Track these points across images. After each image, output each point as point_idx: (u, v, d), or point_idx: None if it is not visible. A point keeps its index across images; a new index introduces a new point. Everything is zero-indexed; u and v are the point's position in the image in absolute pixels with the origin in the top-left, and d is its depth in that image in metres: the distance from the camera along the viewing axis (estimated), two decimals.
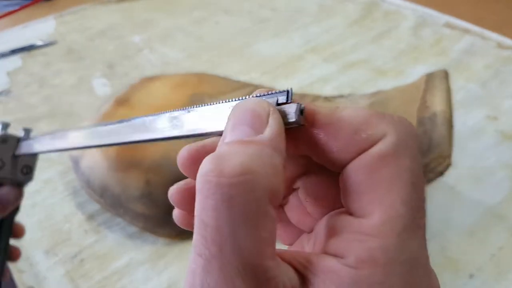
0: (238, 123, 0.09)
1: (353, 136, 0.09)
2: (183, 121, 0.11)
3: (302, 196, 0.11)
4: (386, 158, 0.08)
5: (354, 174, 0.09)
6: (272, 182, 0.08)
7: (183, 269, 0.24)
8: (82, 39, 0.46)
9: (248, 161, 0.08)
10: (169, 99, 0.27)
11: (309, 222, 0.11)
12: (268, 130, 0.08)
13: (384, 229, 0.08)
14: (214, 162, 0.08)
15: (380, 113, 0.09)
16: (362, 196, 0.09)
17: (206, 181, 0.08)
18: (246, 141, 0.08)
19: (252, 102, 0.09)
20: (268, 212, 0.08)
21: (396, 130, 0.09)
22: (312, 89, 0.36)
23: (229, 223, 0.07)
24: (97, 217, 0.27)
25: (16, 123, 0.35)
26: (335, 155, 0.09)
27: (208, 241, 0.07)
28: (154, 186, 0.24)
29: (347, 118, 0.09)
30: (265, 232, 0.08)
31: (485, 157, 0.29)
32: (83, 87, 0.39)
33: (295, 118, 0.09)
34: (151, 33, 0.46)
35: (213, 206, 0.07)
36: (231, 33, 0.45)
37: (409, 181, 0.08)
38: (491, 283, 0.22)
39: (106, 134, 0.13)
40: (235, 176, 0.07)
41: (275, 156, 0.08)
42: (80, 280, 0.23)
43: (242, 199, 0.07)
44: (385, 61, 0.39)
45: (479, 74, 0.36)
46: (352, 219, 0.09)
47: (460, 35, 0.41)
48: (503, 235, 0.24)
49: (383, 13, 0.46)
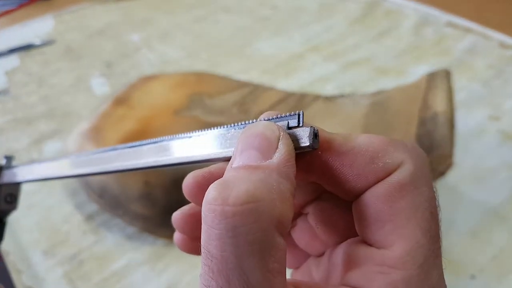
0: (246, 147, 0.08)
1: (370, 165, 0.08)
2: (186, 147, 0.10)
3: (312, 222, 0.11)
4: (405, 187, 0.08)
5: (372, 203, 0.08)
6: (280, 210, 0.07)
7: (183, 270, 0.24)
8: (81, 38, 0.46)
9: (254, 188, 0.07)
10: (168, 98, 0.27)
11: (318, 246, 0.11)
12: (277, 155, 0.08)
13: (407, 260, 0.08)
14: (218, 189, 0.08)
15: (394, 141, 0.09)
16: (381, 226, 0.08)
17: (210, 209, 0.07)
18: (253, 167, 0.08)
19: (262, 126, 0.09)
20: (276, 241, 0.07)
21: (412, 158, 0.09)
22: (313, 88, 0.36)
23: (235, 254, 0.07)
24: (96, 218, 0.27)
25: (14, 123, 0.35)
26: (351, 183, 0.09)
27: (214, 272, 0.07)
28: (153, 187, 0.24)
29: (363, 146, 0.09)
30: (274, 262, 0.07)
31: (487, 157, 0.29)
32: (81, 86, 0.39)
33: (308, 142, 0.08)
34: (150, 32, 0.46)
35: (218, 236, 0.07)
36: (231, 32, 0.45)
37: (428, 210, 0.08)
38: (493, 284, 0.22)
39: (105, 160, 0.12)
40: (240, 204, 0.07)
41: (283, 182, 0.08)
42: (79, 281, 0.23)
43: (247, 229, 0.07)
44: (386, 61, 0.39)
45: (481, 73, 0.36)
46: (372, 250, 0.08)
47: (462, 34, 0.41)
48: (505, 236, 0.24)
49: (384, 12, 0.46)
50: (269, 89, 0.29)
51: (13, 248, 0.25)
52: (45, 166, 0.15)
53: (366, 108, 0.26)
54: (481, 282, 0.22)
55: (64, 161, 0.14)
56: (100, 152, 0.12)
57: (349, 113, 0.26)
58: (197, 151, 0.10)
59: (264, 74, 0.38)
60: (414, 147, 0.09)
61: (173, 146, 0.11)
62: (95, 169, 0.12)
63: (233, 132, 0.09)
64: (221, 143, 0.10)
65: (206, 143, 0.10)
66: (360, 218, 0.09)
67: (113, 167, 0.12)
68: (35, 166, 0.16)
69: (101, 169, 0.12)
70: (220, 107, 0.27)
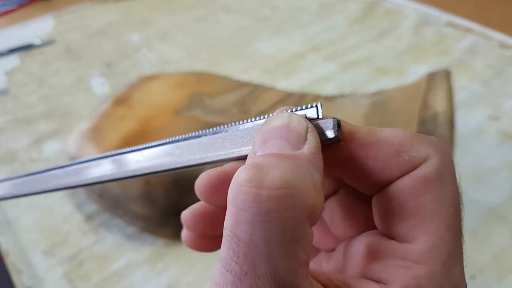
0: (272, 137, 0.08)
1: (395, 158, 0.08)
2: (199, 147, 0.10)
3: (327, 217, 0.11)
4: (431, 181, 0.08)
5: (396, 196, 0.08)
6: (313, 199, 0.07)
7: (183, 270, 0.24)
8: (81, 38, 0.46)
9: (289, 174, 0.07)
10: (168, 98, 0.27)
11: (330, 242, 0.11)
12: (307, 147, 0.08)
13: (430, 256, 0.08)
14: (252, 171, 0.07)
15: (419, 135, 0.09)
16: (405, 220, 0.08)
17: (241, 191, 0.07)
18: (284, 155, 0.08)
19: (286, 117, 0.08)
20: (306, 231, 0.07)
21: (437, 153, 0.08)
22: (313, 88, 0.36)
23: (265, 240, 0.07)
24: (96, 218, 0.27)
25: (14, 123, 0.35)
26: (374, 176, 0.09)
27: (240, 256, 0.07)
28: (153, 187, 0.24)
29: (388, 139, 0.08)
30: (302, 252, 0.07)
31: (487, 157, 0.29)
32: (81, 86, 0.39)
33: (333, 133, 0.08)
34: (150, 32, 0.46)
35: (248, 219, 0.07)
36: (231, 32, 0.45)
37: (452, 206, 0.08)
38: (493, 284, 0.22)
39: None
40: (276, 188, 0.07)
41: (315, 173, 0.08)
42: (79, 281, 0.23)
43: (281, 215, 0.07)
44: (386, 60, 0.39)
45: (481, 73, 0.36)
46: (395, 244, 0.08)
47: (462, 34, 0.41)
48: (505, 236, 0.24)
49: (384, 12, 0.46)
50: (269, 89, 0.29)
51: (13, 248, 0.25)
52: (23, 182, 0.14)
53: (366, 108, 0.26)
54: (481, 282, 0.22)
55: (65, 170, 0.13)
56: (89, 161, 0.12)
57: (349, 113, 0.26)
58: (205, 152, 0.10)
59: (264, 74, 0.38)
60: (439, 142, 0.09)
61: (180, 148, 0.10)
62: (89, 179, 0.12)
63: (244, 129, 0.09)
64: (232, 141, 0.09)
65: (213, 144, 0.10)
66: (382, 212, 0.09)
67: (125, 173, 0.11)
68: (12, 183, 0.15)
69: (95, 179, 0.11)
70: (220, 107, 0.27)
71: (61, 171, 0.12)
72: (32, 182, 0.12)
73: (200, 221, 0.11)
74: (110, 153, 0.12)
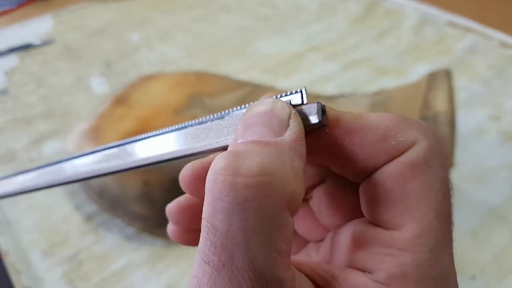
0: (253, 124, 0.08)
1: (382, 143, 0.08)
2: (184, 138, 0.10)
3: (315, 207, 0.10)
4: (418, 166, 0.08)
5: (382, 182, 0.08)
6: (293, 187, 0.07)
7: (182, 270, 0.24)
8: (80, 38, 0.46)
9: (268, 161, 0.07)
10: (167, 98, 0.27)
11: (318, 232, 0.11)
12: (289, 133, 0.08)
13: (417, 243, 0.07)
14: (228, 158, 0.07)
15: (408, 119, 0.08)
16: (392, 206, 0.08)
17: (218, 179, 0.07)
18: (264, 142, 0.07)
19: (269, 103, 0.08)
20: (286, 219, 0.07)
21: (426, 137, 0.08)
22: (313, 88, 0.36)
23: (242, 229, 0.07)
24: (96, 218, 0.27)
25: (14, 123, 0.35)
26: (361, 163, 0.08)
27: (217, 247, 0.07)
28: (152, 187, 0.24)
29: (375, 124, 0.08)
30: (281, 241, 0.07)
31: (487, 157, 0.29)
32: (81, 86, 0.39)
33: (317, 118, 0.08)
34: (150, 32, 0.46)
35: (225, 208, 0.07)
36: (231, 31, 0.45)
37: (441, 192, 0.08)
38: (493, 284, 0.22)
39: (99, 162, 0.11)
40: (253, 176, 0.07)
41: (296, 159, 0.07)
42: (78, 282, 0.23)
43: (259, 203, 0.07)
44: (386, 60, 0.39)
45: (482, 73, 0.36)
46: (381, 231, 0.08)
47: (462, 34, 0.41)
48: (505, 236, 0.24)
49: (384, 12, 0.46)
50: (269, 89, 0.29)
51: (12, 248, 0.25)
52: (7, 181, 0.13)
53: (366, 108, 0.26)
54: (482, 282, 0.22)
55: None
56: (84, 155, 0.12)
57: None
58: (191, 143, 0.10)
59: (264, 74, 0.38)
60: (428, 126, 0.08)
61: (163, 141, 0.10)
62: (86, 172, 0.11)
63: (229, 118, 0.09)
64: (216, 132, 0.09)
65: (198, 134, 0.09)
66: (369, 199, 0.08)
67: (108, 168, 0.11)
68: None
69: (93, 173, 0.11)
70: (220, 107, 0.26)
71: (46, 170, 0.12)
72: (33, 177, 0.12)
73: (185, 215, 0.10)
74: (94, 149, 0.11)
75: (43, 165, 0.12)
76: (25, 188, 0.12)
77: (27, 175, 0.12)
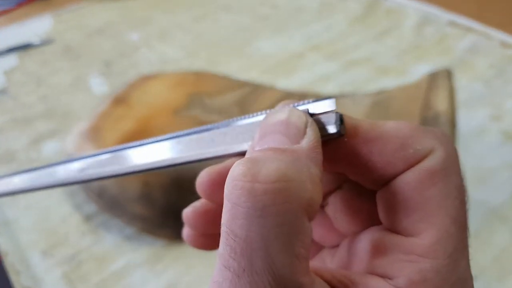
0: (271, 132, 0.08)
1: (400, 152, 0.08)
2: (198, 143, 0.10)
3: (331, 213, 0.10)
4: (436, 174, 0.08)
5: (401, 190, 0.08)
6: (310, 192, 0.07)
7: (182, 271, 0.23)
8: (80, 38, 0.46)
9: (285, 167, 0.07)
10: (167, 98, 0.27)
11: (333, 238, 0.11)
12: (306, 141, 0.08)
13: (436, 249, 0.08)
14: (247, 165, 0.07)
15: (423, 127, 0.09)
16: (410, 214, 0.08)
17: (237, 186, 0.07)
18: (281, 149, 0.08)
19: (287, 112, 0.08)
20: (304, 225, 0.07)
21: (443, 145, 0.08)
22: (314, 88, 0.36)
23: (261, 235, 0.07)
24: (95, 218, 0.27)
25: (13, 123, 0.35)
26: (379, 171, 0.08)
27: (237, 253, 0.07)
28: (152, 187, 0.24)
29: (392, 132, 0.08)
30: (300, 247, 0.07)
31: (488, 157, 0.29)
32: (80, 86, 0.39)
33: (335, 128, 0.08)
34: (149, 31, 0.46)
35: (244, 214, 0.07)
36: (231, 31, 0.45)
37: (458, 199, 0.08)
38: (494, 285, 0.22)
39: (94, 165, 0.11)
40: (271, 182, 0.07)
41: (312, 167, 0.08)
42: (78, 282, 0.23)
43: (278, 209, 0.07)
44: (387, 60, 0.39)
45: (483, 73, 0.36)
46: (400, 238, 0.08)
47: (463, 34, 0.41)
48: (506, 236, 0.24)
49: (385, 11, 0.46)
50: (270, 88, 0.29)
51: (12, 248, 0.25)
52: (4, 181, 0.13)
53: (367, 108, 0.25)
54: (482, 283, 0.22)
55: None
56: (95, 155, 0.12)
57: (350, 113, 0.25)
58: (206, 148, 0.10)
59: (264, 73, 0.38)
60: (444, 134, 0.09)
61: (180, 144, 0.10)
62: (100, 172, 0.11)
63: (245, 125, 0.09)
64: (233, 137, 0.09)
65: (216, 138, 0.09)
66: (387, 206, 0.09)
67: (112, 171, 0.11)
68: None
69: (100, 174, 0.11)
70: (220, 107, 0.26)
71: (55, 168, 0.12)
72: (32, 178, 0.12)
73: (202, 219, 0.10)
74: (108, 149, 0.11)
75: (35, 168, 0.12)
76: (17, 189, 0.12)
77: (21, 176, 0.12)
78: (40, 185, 0.12)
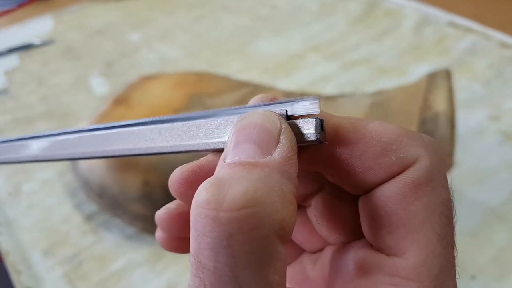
0: (243, 140, 0.07)
1: (382, 157, 0.08)
2: (171, 133, 0.09)
3: (312, 216, 0.10)
4: (421, 187, 0.07)
5: (383, 204, 0.08)
6: (282, 214, 0.07)
7: (182, 271, 0.24)
8: (80, 38, 0.46)
9: (253, 189, 0.07)
10: (168, 98, 0.27)
11: (316, 242, 0.10)
12: (279, 151, 0.07)
13: (421, 271, 0.07)
14: (211, 190, 0.07)
15: (410, 132, 0.08)
16: (393, 230, 0.08)
17: (201, 214, 0.07)
18: (251, 164, 0.07)
19: (261, 115, 0.08)
20: (276, 250, 0.07)
21: (428, 154, 0.08)
22: (313, 88, 0.36)
23: (230, 266, 0.06)
24: (96, 218, 0.27)
25: (14, 123, 0.35)
26: (359, 176, 0.08)
27: (206, 285, 0.06)
28: (153, 187, 0.24)
29: (375, 135, 0.08)
30: (274, 274, 0.06)
31: (487, 157, 0.29)
32: (81, 86, 0.39)
33: (315, 136, 0.07)
34: (150, 32, 0.46)
35: (210, 245, 0.06)
36: (231, 31, 0.45)
37: (444, 214, 0.08)
38: (493, 285, 0.22)
39: (80, 144, 0.11)
40: (236, 209, 0.06)
41: (285, 183, 0.07)
42: (78, 282, 0.23)
43: (245, 237, 0.06)
44: (387, 60, 0.39)
45: (482, 73, 0.36)
46: (383, 257, 0.08)
47: (462, 34, 0.41)
48: (505, 236, 0.24)
49: (384, 12, 0.46)
50: (269, 88, 0.29)
51: (13, 248, 0.25)
52: (12, 148, 0.13)
53: (366, 108, 0.26)
54: (482, 283, 0.22)
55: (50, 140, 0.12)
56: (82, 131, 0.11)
57: (349, 113, 0.26)
58: (178, 140, 0.09)
59: (264, 73, 0.38)
60: (431, 142, 0.08)
61: (151, 132, 0.09)
62: (77, 150, 0.11)
63: (221, 120, 0.08)
64: (207, 131, 0.08)
65: (187, 131, 0.09)
66: (368, 219, 0.08)
67: (90, 152, 0.10)
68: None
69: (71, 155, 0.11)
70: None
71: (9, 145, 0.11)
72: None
73: (175, 222, 0.10)
74: (73, 129, 0.11)
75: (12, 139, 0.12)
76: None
77: None
78: (5, 159, 0.11)
